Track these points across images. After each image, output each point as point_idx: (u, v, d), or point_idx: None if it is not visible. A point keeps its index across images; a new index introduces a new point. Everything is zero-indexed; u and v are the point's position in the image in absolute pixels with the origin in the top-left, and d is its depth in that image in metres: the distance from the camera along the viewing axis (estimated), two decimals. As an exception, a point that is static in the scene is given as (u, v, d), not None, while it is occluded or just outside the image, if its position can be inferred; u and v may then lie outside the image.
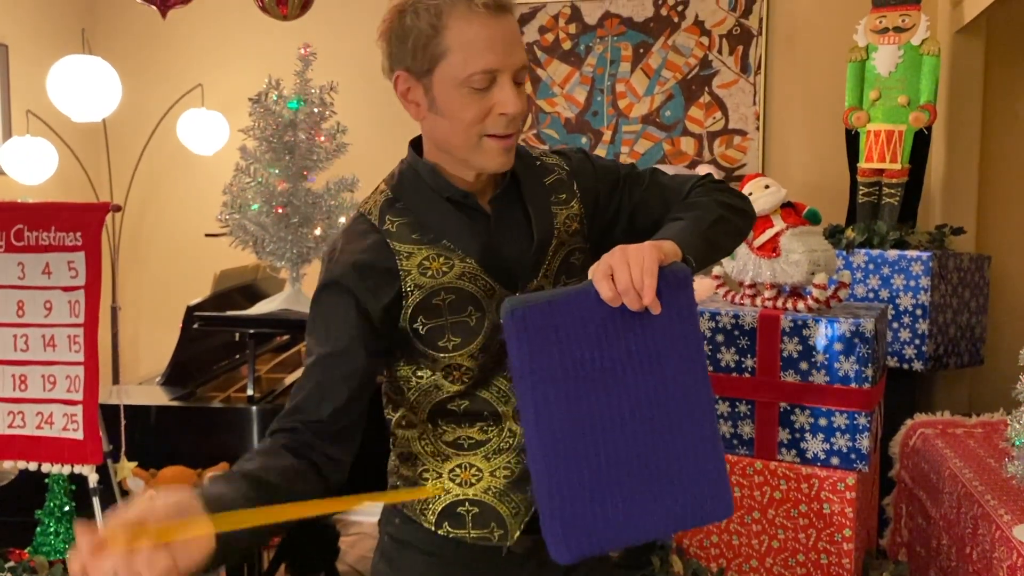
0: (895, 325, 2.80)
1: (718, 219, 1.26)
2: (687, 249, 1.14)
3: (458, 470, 1.28)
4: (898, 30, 3.00)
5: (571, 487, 1.06)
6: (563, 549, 1.07)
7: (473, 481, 1.28)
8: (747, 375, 2.20)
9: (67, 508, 2.14)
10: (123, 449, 2.09)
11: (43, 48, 4.06)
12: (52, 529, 2.12)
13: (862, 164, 3.08)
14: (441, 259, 1.23)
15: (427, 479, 1.30)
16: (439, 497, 1.29)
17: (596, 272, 1.08)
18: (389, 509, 1.37)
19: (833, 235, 3.01)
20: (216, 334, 2.78)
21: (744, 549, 2.20)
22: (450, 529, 1.29)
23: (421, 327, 1.22)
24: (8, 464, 2.01)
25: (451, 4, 1.15)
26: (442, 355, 1.23)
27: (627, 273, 1.05)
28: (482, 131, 1.19)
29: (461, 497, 1.28)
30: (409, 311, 1.22)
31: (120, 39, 4.27)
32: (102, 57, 3.49)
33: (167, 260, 4.32)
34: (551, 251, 1.28)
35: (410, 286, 1.22)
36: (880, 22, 3.03)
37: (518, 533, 1.28)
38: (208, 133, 3.87)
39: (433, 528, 1.29)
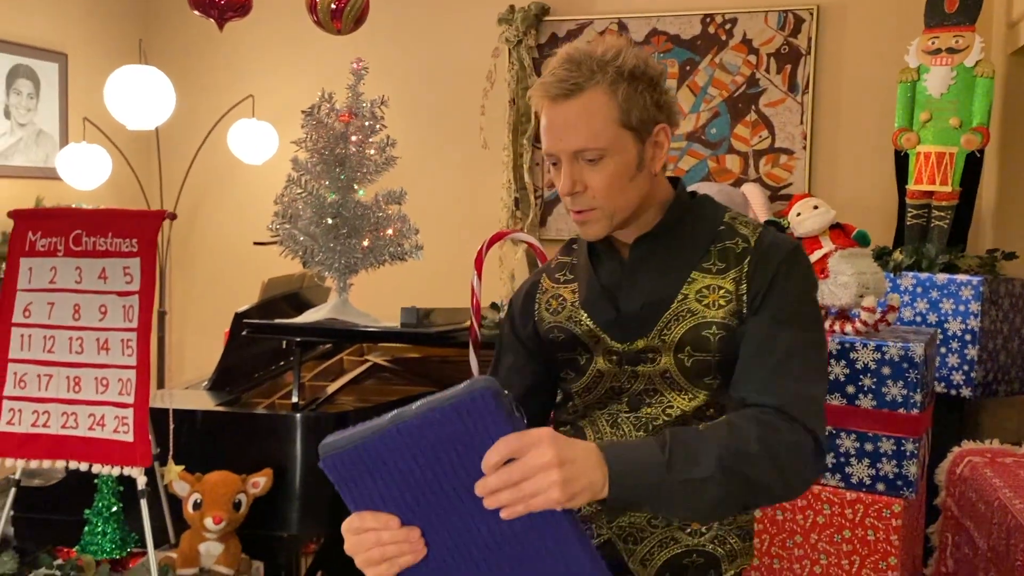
0: (943, 350, 2.76)
1: (726, 491, 1.08)
2: (625, 495, 1.03)
3: None
4: (951, 51, 2.96)
5: None
6: None
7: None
8: (792, 397, 2.17)
9: (115, 509, 2.18)
10: (171, 452, 2.12)
11: (101, 57, 4.17)
12: (100, 529, 2.15)
13: (911, 186, 3.04)
14: (560, 299, 1.33)
15: None
16: None
17: (507, 444, 0.96)
18: None
19: (880, 257, 2.97)
20: (261, 341, 2.82)
21: (785, 573, 2.18)
22: None
23: (552, 355, 1.34)
24: (59, 464, 2.06)
25: (535, 88, 1.25)
26: (563, 385, 1.35)
27: (523, 483, 0.96)
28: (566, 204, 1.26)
29: None
30: (543, 340, 1.34)
31: (175, 50, 4.36)
32: (157, 67, 3.58)
33: (214, 267, 4.39)
34: (669, 316, 1.23)
35: (537, 318, 1.36)
36: (932, 43, 2.99)
37: None
38: (258, 143, 3.94)
39: None
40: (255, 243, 3.31)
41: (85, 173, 3.75)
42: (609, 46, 1.22)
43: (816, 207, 2.25)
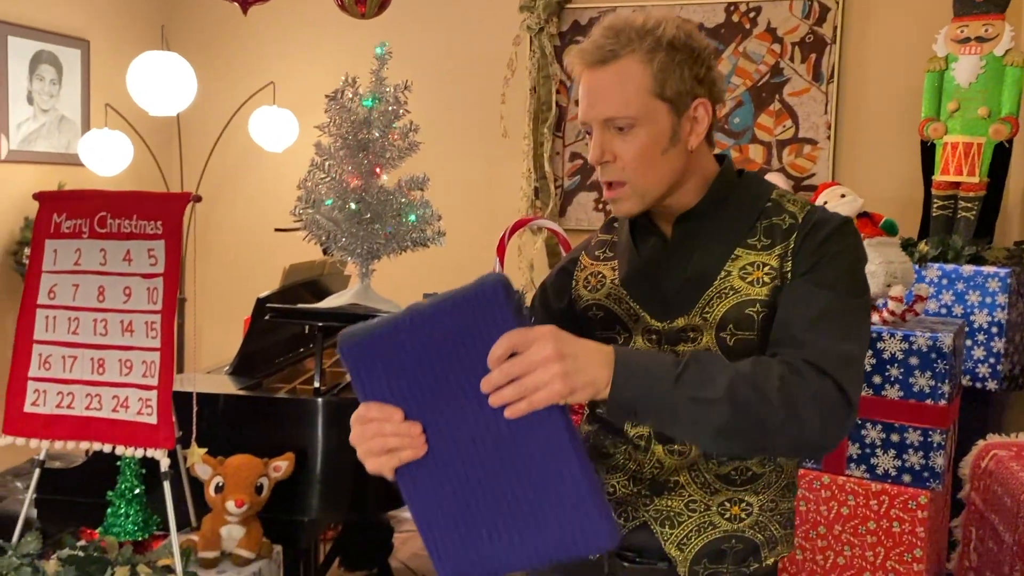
0: (968, 343, 2.72)
1: (744, 412, 1.04)
2: (626, 398, 1.03)
3: None
4: (980, 40, 2.92)
5: (434, 511, 1.06)
6: (440, 569, 1.07)
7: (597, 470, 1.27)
8: (817, 387, 2.15)
9: (137, 491, 2.18)
10: (193, 435, 2.13)
11: (123, 44, 4.18)
12: (122, 511, 2.16)
13: (937, 176, 3.01)
14: (599, 276, 1.31)
15: None
16: None
17: (510, 338, 0.99)
18: None
19: (905, 248, 2.93)
20: (283, 327, 2.82)
21: (808, 564, 2.16)
22: None
23: (589, 334, 1.27)
24: (83, 445, 2.06)
25: (574, 54, 1.23)
26: None
27: (521, 377, 0.97)
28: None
29: None
30: (580, 318, 1.32)
31: (197, 36, 4.37)
32: (179, 53, 3.58)
33: (234, 254, 4.40)
34: (711, 293, 1.20)
35: (575, 295, 1.34)
36: (961, 32, 2.95)
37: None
38: (279, 130, 3.94)
39: None
40: (276, 230, 3.32)
41: (107, 159, 3.76)
42: (651, 16, 1.20)
43: (843, 195, 2.22)
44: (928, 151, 3.06)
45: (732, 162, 1.29)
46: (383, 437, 1.03)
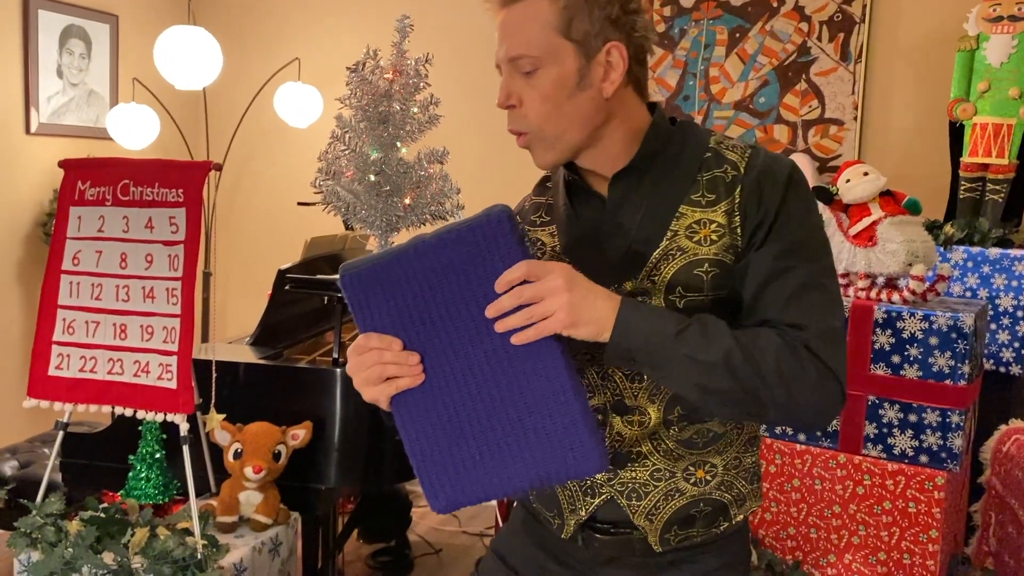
0: (993, 326, 2.69)
1: (735, 374, 1.05)
2: (625, 346, 1.04)
3: None
4: (1013, 19, 2.86)
5: (428, 440, 1.08)
6: (433, 499, 1.09)
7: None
8: (835, 366, 2.14)
9: (158, 455, 2.22)
10: (213, 402, 2.16)
11: (151, 19, 4.21)
12: (143, 475, 2.20)
13: (966, 158, 2.96)
14: (539, 243, 1.25)
15: None
16: None
17: (527, 265, 1.01)
18: None
19: (930, 230, 2.89)
20: (303, 302, 2.85)
21: (822, 543, 2.15)
22: (535, 501, 1.30)
23: None
24: (104, 409, 2.10)
25: None
26: None
27: (533, 306, 1.00)
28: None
29: None
30: None
31: (223, 11, 4.39)
32: (205, 28, 3.60)
33: (258, 229, 4.44)
34: (658, 255, 1.15)
35: None
36: (994, 10, 2.89)
37: (572, 528, 1.24)
38: (303, 106, 3.96)
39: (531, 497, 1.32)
40: (299, 203, 3.34)
41: (134, 133, 3.80)
42: None
43: (866, 173, 2.19)
44: (956, 132, 3.01)
45: (663, 112, 1.23)
46: (381, 365, 1.05)
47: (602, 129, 1.18)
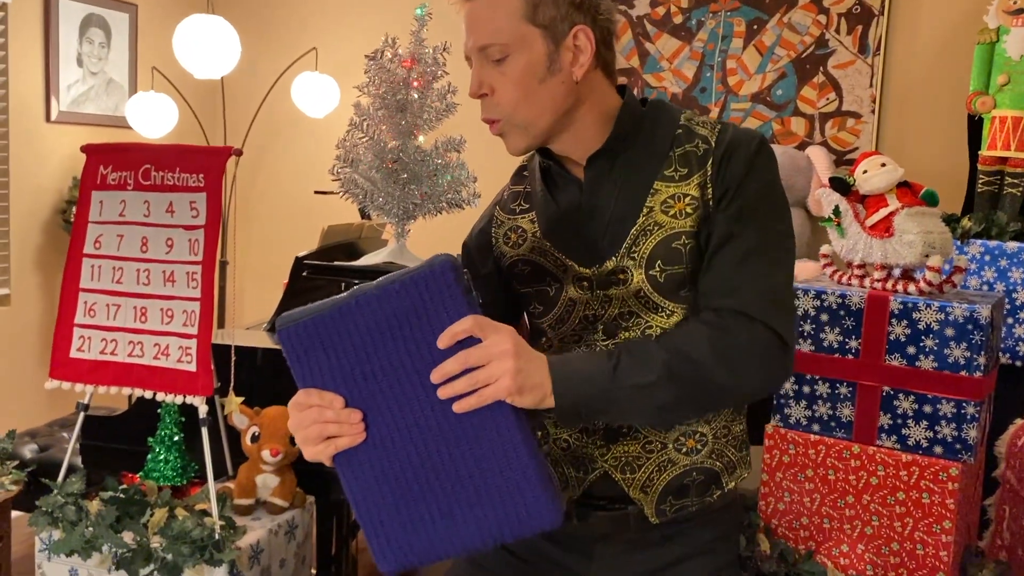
0: (1009, 320, 2.68)
1: (660, 402, 1.08)
2: (570, 402, 1.05)
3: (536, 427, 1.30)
4: (1034, 12, 2.84)
5: (374, 498, 1.04)
6: (381, 559, 1.06)
7: (541, 442, 1.28)
8: (850, 356, 2.14)
9: (176, 438, 2.25)
10: (231, 385, 2.18)
11: (170, 8, 4.24)
12: (162, 456, 2.23)
13: (984, 152, 2.95)
14: (519, 231, 1.27)
15: None
16: None
17: (475, 320, 1.00)
18: None
19: (948, 224, 2.88)
20: (319, 290, 2.86)
21: (835, 533, 2.15)
22: None
23: (515, 291, 1.29)
24: (125, 391, 2.12)
25: None
26: (532, 320, 1.29)
27: (477, 371, 0.99)
28: None
29: None
30: (506, 276, 1.30)
31: (242, 1, 4.42)
32: (224, 17, 3.63)
33: (275, 218, 4.47)
34: (636, 231, 1.18)
35: (497, 253, 1.30)
36: (1014, 3, 2.88)
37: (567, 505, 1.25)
38: (320, 96, 3.98)
39: None
40: (316, 192, 3.37)
41: (153, 121, 3.83)
42: None
43: (883, 164, 2.19)
44: (975, 125, 3.00)
45: (633, 93, 1.25)
46: (321, 424, 1.02)
47: (573, 113, 1.19)
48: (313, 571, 2.45)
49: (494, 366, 0.99)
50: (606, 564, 1.27)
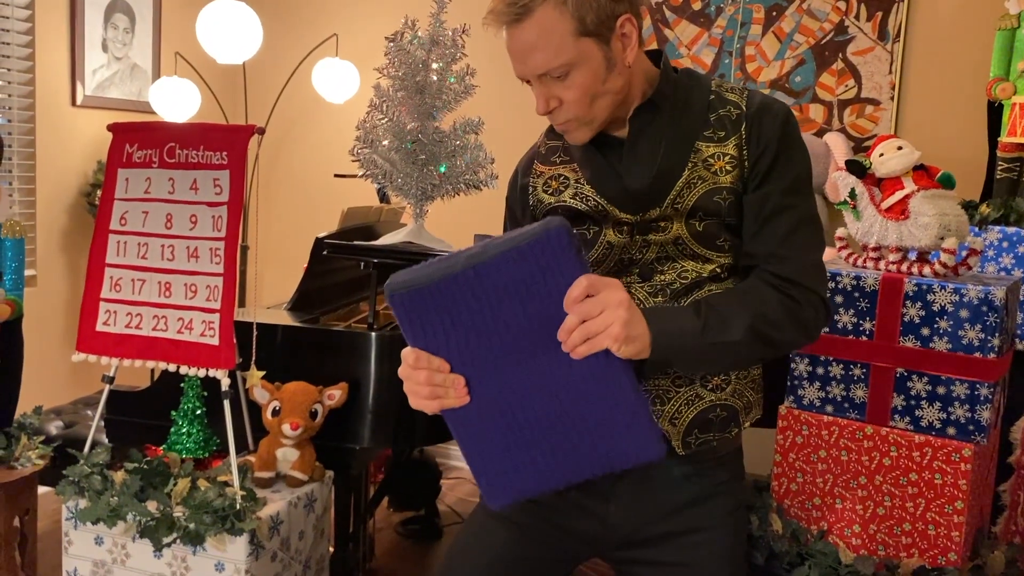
0: (1026, 306, 2.68)
1: (749, 343, 1.19)
2: (663, 356, 1.13)
3: None
4: (1055, -3, 2.83)
5: (484, 444, 1.09)
6: (491, 498, 1.11)
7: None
8: (864, 338, 2.15)
9: (199, 411, 2.29)
10: (252, 360, 2.22)
11: (193, -6, 4.29)
12: (184, 430, 2.27)
13: (1004, 138, 2.94)
14: (561, 178, 1.35)
15: None
16: None
17: (588, 280, 1.05)
18: None
19: (966, 210, 2.88)
20: (340, 272, 2.90)
21: (847, 513, 2.17)
22: None
23: None
24: (149, 364, 2.17)
25: (488, 16, 1.24)
26: None
27: (589, 321, 1.04)
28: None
29: None
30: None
31: (263, -11, 4.46)
32: (246, 3, 3.67)
33: (295, 203, 4.52)
34: (681, 184, 1.26)
35: (535, 200, 1.38)
36: (1036, -12, 2.86)
37: None
38: (340, 82, 4.01)
39: None
40: (336, 175, 3.40)
41: (176, 106, 3.88)
42: None
43: (900, 147, 2.20)
44: (995, 112, 2.99)
45: (668, 58, 1.33)
46: (432, 386, 1.07)
47: (628, 91, 1.29)
48: (331, 548, 2.50)
49: (607, 314, 1.05)
50: (623, 504, 1.33)
